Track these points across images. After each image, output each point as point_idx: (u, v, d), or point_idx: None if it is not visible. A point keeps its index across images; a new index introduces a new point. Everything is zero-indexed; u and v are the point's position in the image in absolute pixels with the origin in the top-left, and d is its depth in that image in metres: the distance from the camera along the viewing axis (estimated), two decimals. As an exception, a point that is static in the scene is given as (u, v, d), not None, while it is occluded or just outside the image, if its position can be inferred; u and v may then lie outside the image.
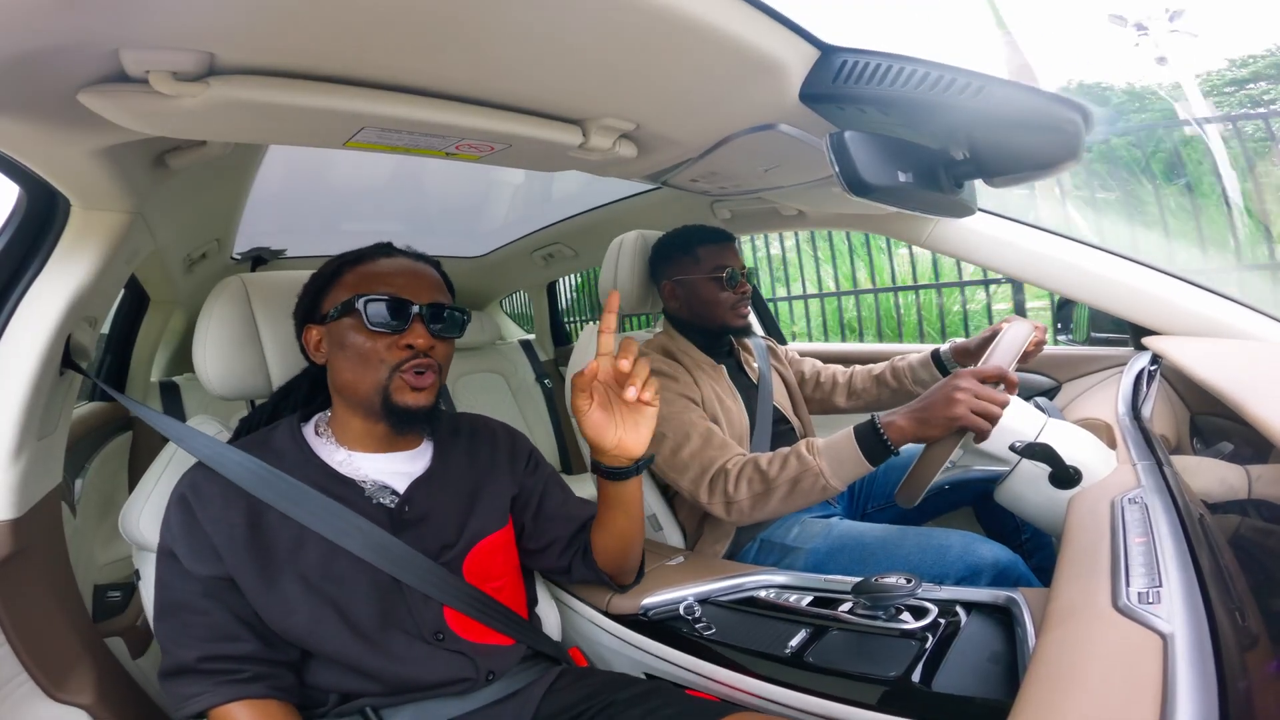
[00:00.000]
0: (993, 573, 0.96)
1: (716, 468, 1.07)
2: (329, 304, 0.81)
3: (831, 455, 0.98)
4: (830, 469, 0.97)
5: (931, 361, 1.36)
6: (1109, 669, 0.49)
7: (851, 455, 0.96)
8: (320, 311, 0.82)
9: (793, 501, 1.00)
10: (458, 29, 0.55)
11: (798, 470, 0.98)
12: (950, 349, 1.33)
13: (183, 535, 0.72)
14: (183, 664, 0.70)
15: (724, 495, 1.05)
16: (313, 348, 0.83)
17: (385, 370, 0.77)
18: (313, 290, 0.83)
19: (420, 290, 0.80)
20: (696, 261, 1.28)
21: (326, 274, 0.83)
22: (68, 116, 0.60)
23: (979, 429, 0.86)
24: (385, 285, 0.79)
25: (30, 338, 0.83)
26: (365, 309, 0.77)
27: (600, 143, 0.83)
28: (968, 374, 0.90)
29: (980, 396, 0.87)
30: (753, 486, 1.02)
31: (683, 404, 1.15)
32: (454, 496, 0.84)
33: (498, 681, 0.81)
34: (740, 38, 0.62)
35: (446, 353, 0.83)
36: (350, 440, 0.82)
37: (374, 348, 0.77)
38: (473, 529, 0.83)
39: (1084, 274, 1.29)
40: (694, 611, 0.93)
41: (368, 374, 0.77)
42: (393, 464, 0.83)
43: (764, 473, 1.01)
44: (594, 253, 2.22)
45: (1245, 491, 0.78)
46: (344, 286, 0.80)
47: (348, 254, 0.84)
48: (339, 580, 0.74)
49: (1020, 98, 0.64)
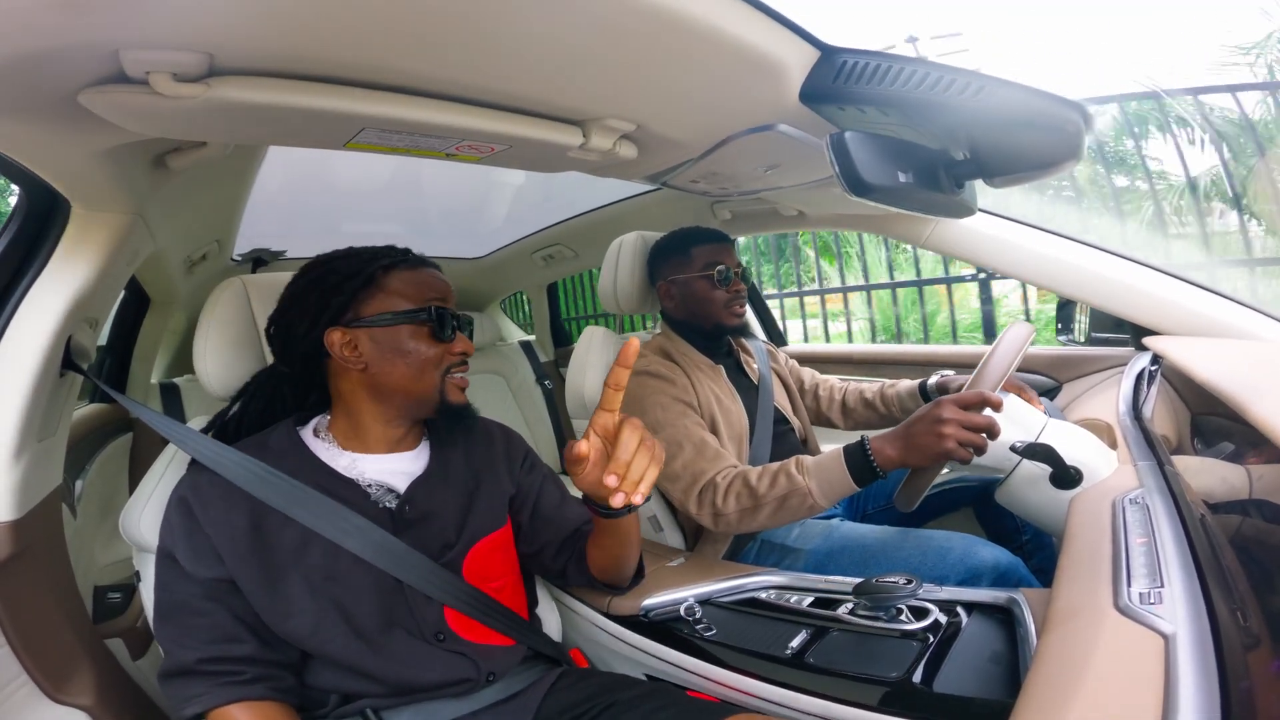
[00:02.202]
0: (993, 575, 0.96)
1: (706, 480, 1.07)
2: (370, 309, 0.80)
3: (820, 475, 0.98)
4: (819, 489, 0.98)
5: (919, 394, 1.37)
6: (1111, 669, 0.49)
7: (840, 476, 0.97)
8: (356, 314, 0.80)
9: (780, 518, 1.01)
10: (458, 30, 0.55)
11: (786, 489, 0.99)
12: (936, 384, 1.34)
13: (183, 537, 0.72)
14: (182, 665, 0.69)
15: (712, 507, 1.06)
16: (338, 349, 0.79)
17: (438, 375, 0.81)
18: (345, 292, 0.80)
19: (449, 299, 0.85)
20: (690, 260, 1.29)
21: (361, 276, 0.80)
22: (68, 117, 0.60)
23: (964, 459, 0.87)
24: (433, 294, 0.83)
25: (30, 339, 0.83)
26: (434, 320, 0.81)
27: (601, 143, 0.83)
28: (949, 402, 0.89)
29: (965, 425, 0.87)
30: (740, 501, 1.03)
31: (678, 410, 1.15)
32: (453, 496, 0.84)
33: (498, 683, 0.81)
34: (740, 38, 0.62)
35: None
36: (354, 443, 0.82)
37: (434, 355, 0.81)
38: (471, 528, 0.83)
39: (1084, 274, 1.28)
40: (695, 613, 0.93)
41: (425, 378, 0.80)
42: (394, 464, 0.83)
43: (753, 489, 1.02)
44: (594, 254, 2.22)
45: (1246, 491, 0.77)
46: (386, 292, 0.81)
47: (376, 256, 0.83)
48: (341, 581, 0.74)
49: (1020, 98, 0.64)
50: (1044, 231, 1.32)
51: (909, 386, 1.40)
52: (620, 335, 1.41)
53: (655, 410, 1.14)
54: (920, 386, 1.38)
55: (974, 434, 0.87)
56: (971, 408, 0.88)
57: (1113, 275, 1.27)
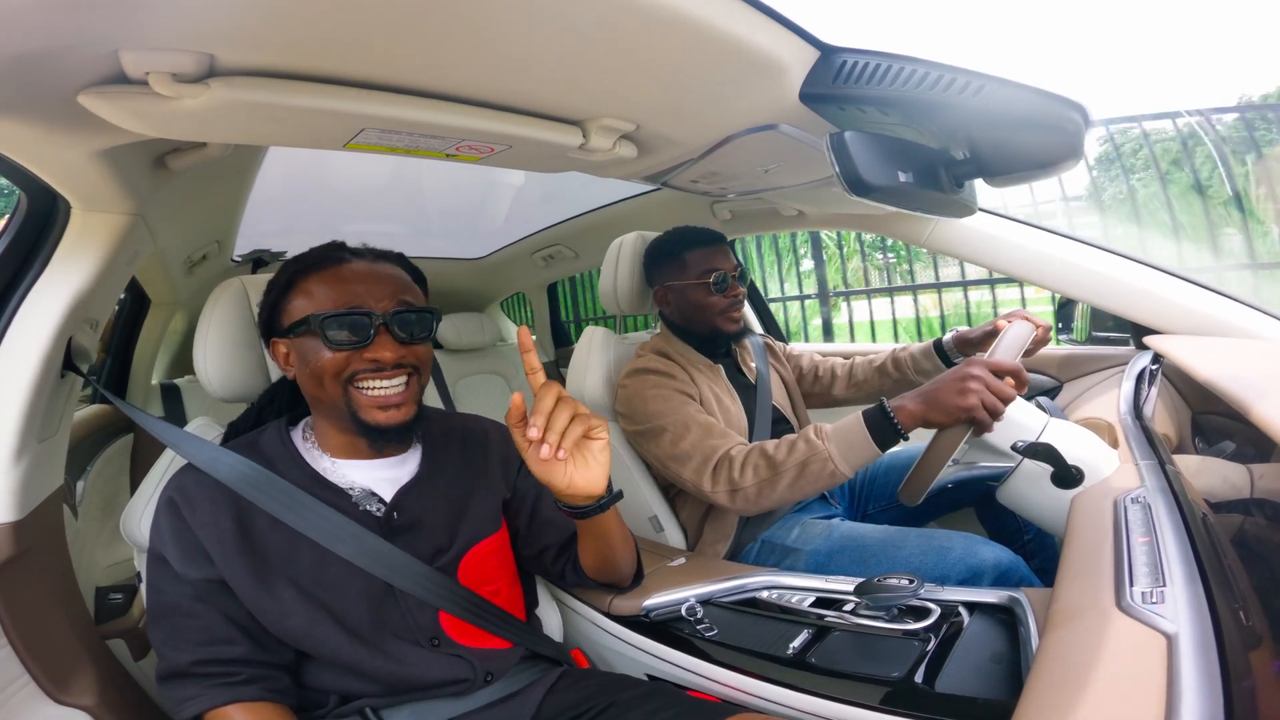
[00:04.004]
0: (994, 574, 0.96)
1: (720, 455, 1.05)
2: (287, 317, 0.76)
3: (840, 439, 0.96)
4: (839, 453, 0.95)
5: (934, 351, 1.35)
6: (1113, 669, 0.49)
7: (861, 439, 0.94)
8: (280, 325, 0.77)
9: (799, 488, 0.98)
10: (458, 30, 0.55)
11: (806, 454, 0.96)
12: (952, 339, 1.33)
13: (172, 539, 0.72)
14: (177, 667, 0.69)
15: (729, 482, 1.02)
16: (282, 361, 0.78)
17: (339, 385, 0.73)
18: (269, 303, 0.78)
19: (382, 296, 0.75)
20: (684, 267, 1.26)
21: (280, 284, 0.77)
22: (68, 118, 0.60)
23: (983, 423, 0.86)
24: (344, 294, 0.74)
25: (31, 340, 0.83)
26: (323, 327, 0.72)
27: (600, 143, 0.83)
28: (981, 363, 0.89)
29: (992, 389, 0.86)
30: (759, 473, 1.00)
31: (680, 399, 1.14)
32: (445, 501, 0.82)
33: (497, 682, 0.80)
34: (740, 38, 0.62)
35: (422, 354, 0.78)
36: (333, 448, 0.80)
37: (330, 363, 0.73)
38: (466, 535, 0.82)
39: (1085, 273, 1.28)
40: (696, 612, 0.93)
41: (326, 389, 0.74)
42: (378, 470, 0.81)
43: (771, 458, 0.99)
44: (594, 254, 2.22)
45: (1248, 490, 0.77)
46: (300, 297, 0.75)
47: (299, 259, 0.78)
48: (331, 586, 0.73)
49: (1020, 97, 0.64)
50: (1044, 231, 1.32)
51: (923, 346, 1.38)
52: (621, 336, 1.41)
53: (656, 402, 1.14)
54: (935, 344, 1.35)
55: (997, 400, 0.86)
56: (1000, 375, 0.88)
57: (1113, 274, 1.27)
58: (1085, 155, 0.70)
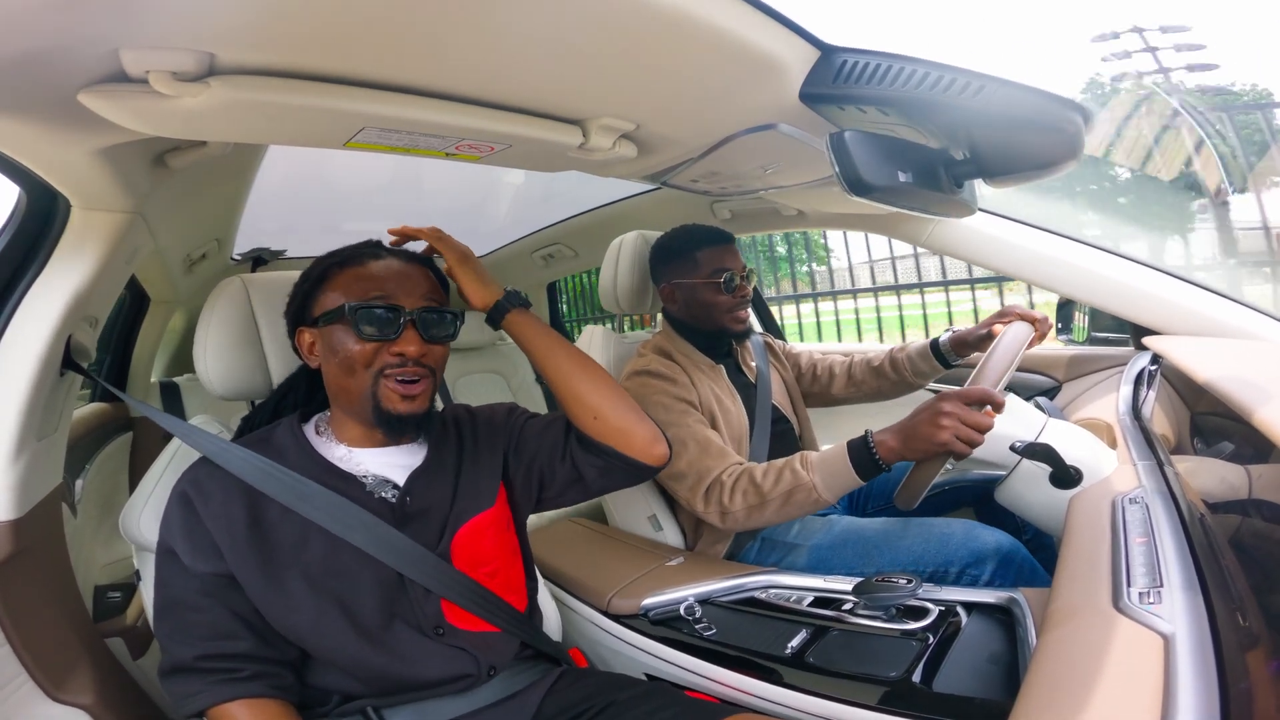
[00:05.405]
0: (996, 558, 0.96)
1: (712, 478, 1.07)
2: (319, 307, 0.80)
3: (825, 470, 0.98)
4: (823, 483, 0.98)
5: (931, 352, 1.35)
6: (1110, 669, 0.49)
7: (843, 469, 0.97)
8: (310, 315, 0.81)
9: (786, 513, 1.02)
10: (458, 29, 0.55)
11: (791, 484, 0.99)
12: (949, 339, 1.33)
13: (183, 532, 0.72)
14: (181, 662, 0.70)
15: (719, 505, 1.06)
16: (306, 351, 0.82)
17: (369, 376, 0.77)
18: (301, 292, 0.82)
19: (412, 294, 0.79)
20: (696, 265, 1.27)
21: (314, 275, 0.82)
22: (68, 116, 0.60)
23: (960, 453, 0.87)
24: (376, 289, 0.78)
25: (30, 338, 0.83)
26: (355, 316, 0.76)
27: (600, 143, 0.83)
28: (954, 397, 0.90)
29: (966, 422, 0.87)
30: (748, 499, 1.03)
31: (680, 409, 1.15)
32: (447, 487, 0.83)
33: (498, 681, 0.80)
34: (740, 38, 0.62)
35: (441, 355, 0.82)
36: (349, 438, 0.82)
37: (361, 353, 0.76)
38: (457, 510, 0.82)
39: (1084, 274, 1.28)
40: (694, 612, 0.93)
41: (355, 379, 0.77)
42: (392, 457, 0.82)
43: (758, 485, 1.02)
44: (594, 253, 2.22)
45: (1246, 491, 0.77)
46: (333, 289, 0.79)
47: (335, 254, 0.83)
48: (343, 576, 0.74)
49: (1020, 97, 0.64)
50: (1044, 231, 1.32)
51: (920, 346, 1.37)
52: (621, 335, 1.41)
53: (657, 410, 1.14)
54: (932, 344, 1.35)
55: (972, 430, 0.87)
56: (974, 404, 0.89)
57: (1113, 275, 1.27)
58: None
